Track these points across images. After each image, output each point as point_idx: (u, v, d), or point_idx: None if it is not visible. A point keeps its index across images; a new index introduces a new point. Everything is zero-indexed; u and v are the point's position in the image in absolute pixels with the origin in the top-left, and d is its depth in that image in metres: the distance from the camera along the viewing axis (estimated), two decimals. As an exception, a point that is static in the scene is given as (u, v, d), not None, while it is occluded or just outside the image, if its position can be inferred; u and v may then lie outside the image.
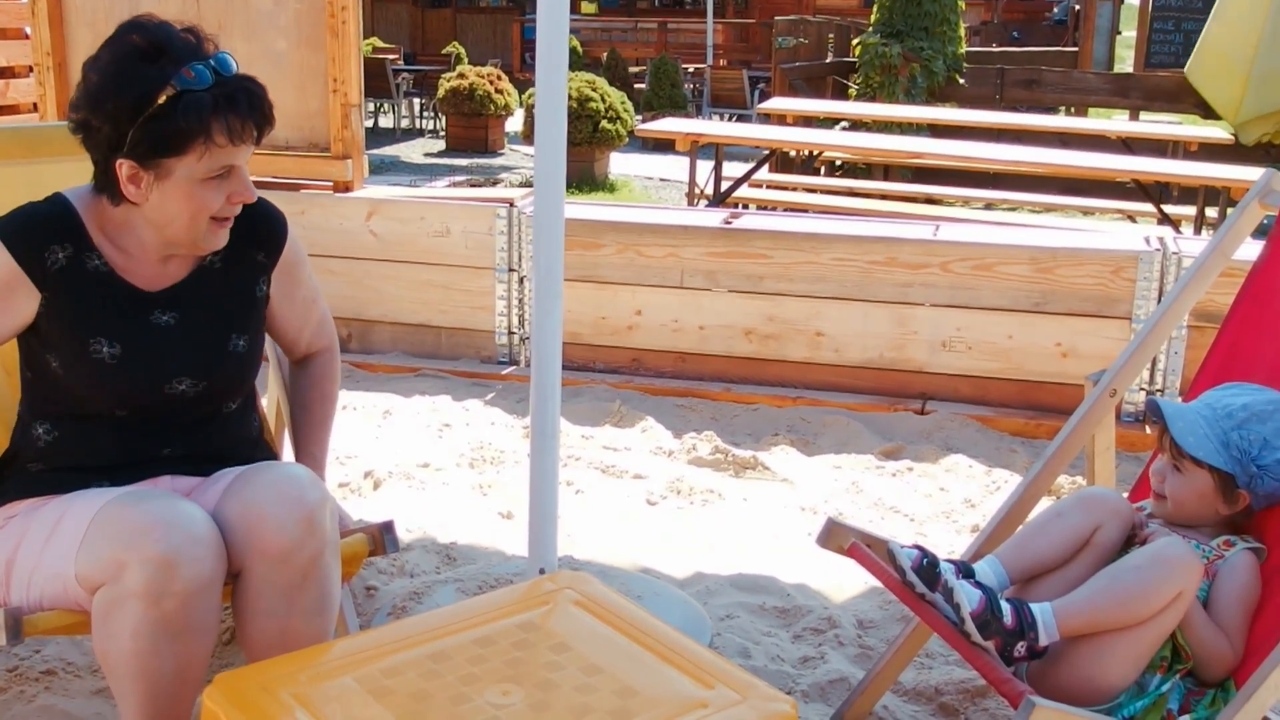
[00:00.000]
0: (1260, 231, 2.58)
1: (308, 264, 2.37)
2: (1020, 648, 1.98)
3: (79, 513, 1.96)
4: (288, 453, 2.62)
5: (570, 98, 11.24)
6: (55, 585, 1.96)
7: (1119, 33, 17.55)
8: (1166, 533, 2.17)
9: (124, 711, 1.93)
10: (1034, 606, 2.01)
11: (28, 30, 6.14)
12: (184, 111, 1.91)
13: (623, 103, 12.69)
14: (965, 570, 2.13)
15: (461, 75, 15.04)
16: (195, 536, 1.88)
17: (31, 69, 6.14)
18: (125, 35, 1.97)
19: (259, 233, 2.22)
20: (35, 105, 6.22)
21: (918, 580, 2.06)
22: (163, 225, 2.03)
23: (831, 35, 14.21)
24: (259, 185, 2.11)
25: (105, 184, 2.02)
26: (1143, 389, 4.43)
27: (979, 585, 2.04)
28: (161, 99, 1.91)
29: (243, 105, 1.97)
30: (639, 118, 13.92)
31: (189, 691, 1.93)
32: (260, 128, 2.02)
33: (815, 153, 10.03)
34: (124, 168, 1.96)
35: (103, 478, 2.10)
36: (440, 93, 15.16)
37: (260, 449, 2.35)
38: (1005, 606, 2.00)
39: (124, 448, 2.12)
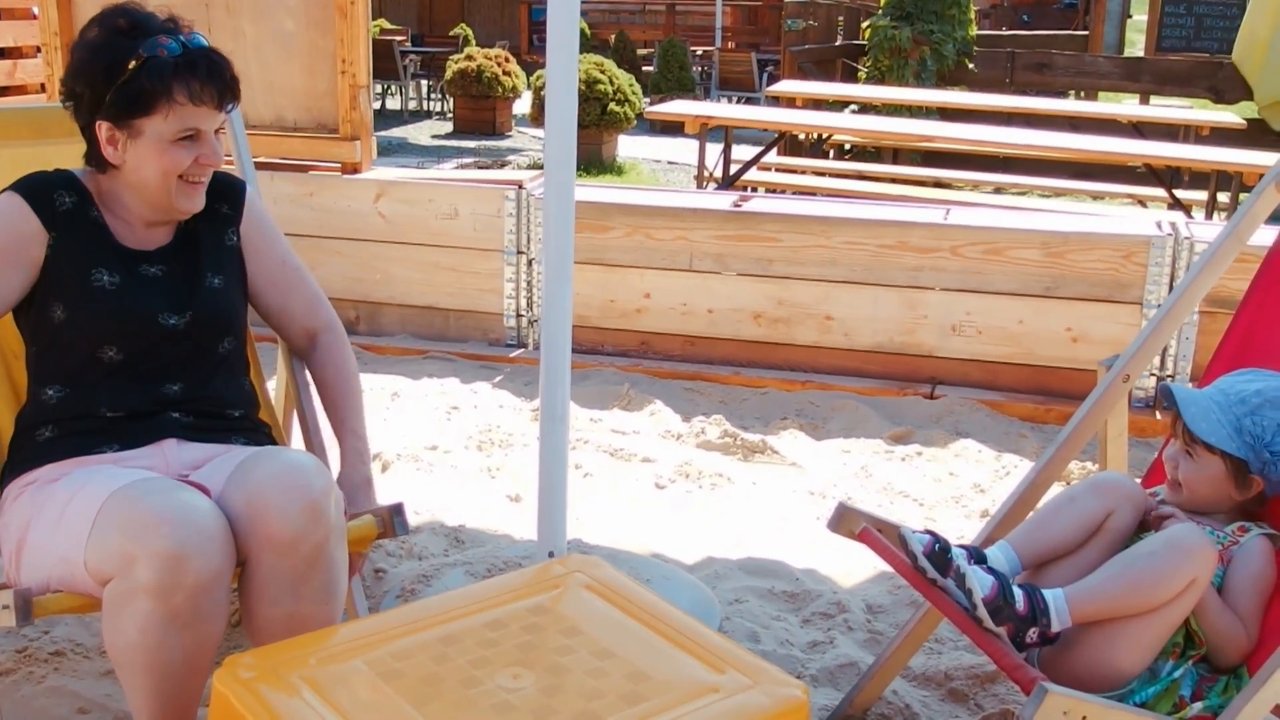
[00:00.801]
0: (1276, 217, 2.57)
1: (281, 236, 2.49)
2: (1032, 634, 1.97)
3: (88, 498, 1.97)
4: (296, 439, 2.63)
5: (578, 80, 11.14)
6: (63, 569, 1.98)
7: (1130, 16, 17.45)
8: (1181, 519, 2.16)
9: (133, 701, 1.94)
10: (1046, 592, 2.00)
11: (35, 10, 6.13)
12: (148, 74, 2.11)
13: (631, 85, 12.65)
14: (977, 556, 2.12)
15: (469, 57, 15.00)
16: (204, 531, 1.89)
17: (39, 49, 6.14)
18: (111, 17, 2.18)
19: (220, 191, 2.38)
20: (43, 85, 6.23)
21: (929, 566, 2.05)
22: (140, 186, 2.19)
23: (841, 18, 14.17)
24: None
25: (92, 152, 2.21)
26: (1153, 375, 4.42)
27: (991, 571, 2.04)
28: (131, 65, 2.12)
29: (201, 70, 2.14)
30: (647, 100, 13.88)
31: (198, 679, 1.94)
32: (220, 93, 2.17)
33: (824, 136, 10.00)
34: (102, 129, 2.15)
35: (111, 439, 2.15)
36: (448, 75, 15.12)
37: (257, 414, 2.40)
38: (1017, 592, 1.99)
39: (130, 390, 2.19)
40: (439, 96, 17.40)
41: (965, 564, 2.02)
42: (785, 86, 10.35)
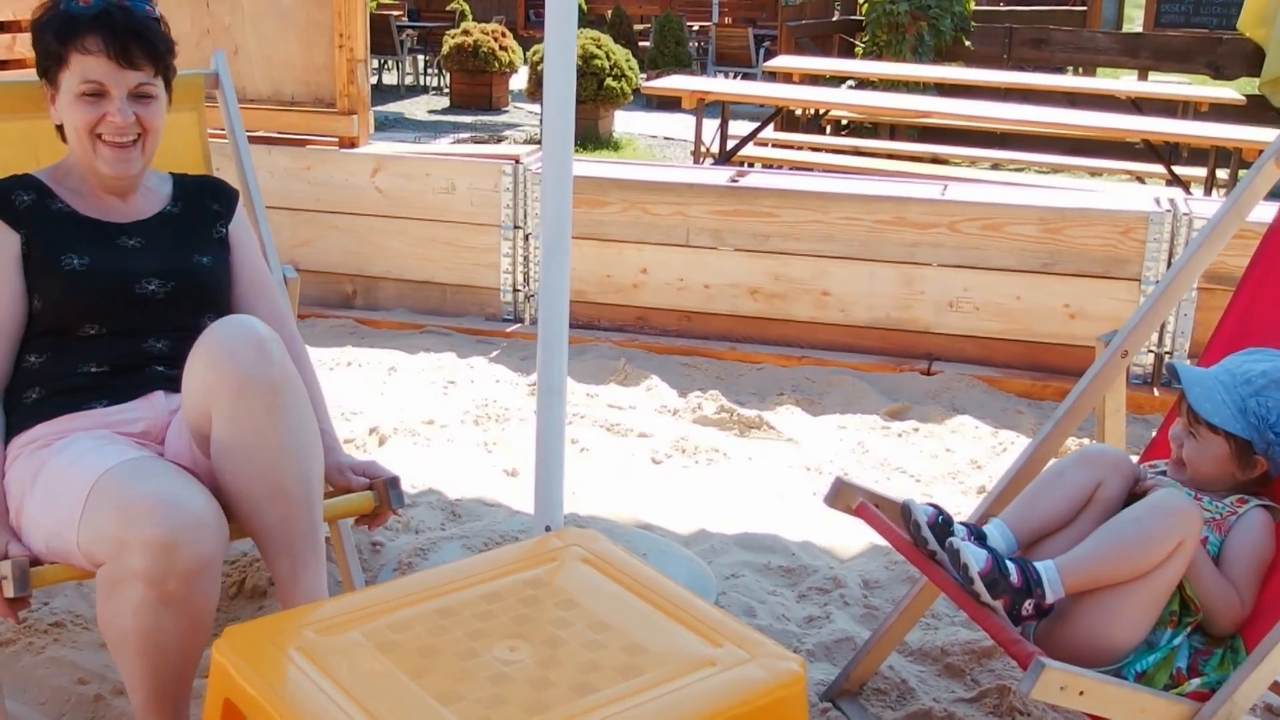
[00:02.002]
0: (1275, 193, 2.56)
1: (259, 251, 2.52)
2: (1028, 606, 1.98)
3: (80, 475, 1.97)
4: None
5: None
6: (56, 543, 1.99)
7: (1128, -8, 17.38)
8: (1168, 483, 2.17)
9: (129, 681, 1.94)
10: (1038, 564, 2.01)
11: (30, -18, 6.09)
12: (54, 27, 2.18)
13: (627, 60, 12.60)
14: (976, 534, 2.12)
15: (466, 32, 14.93)
16: (195, 517, 1.89)
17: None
18: None
19: (213, 191, 2.46)
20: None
21: (932, 536, 2.05)
22: (72, 148, 2.25)
23: (839, -7, 14.09)
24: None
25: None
26: (1152, 351, 4.42)
27: (985, 546, 2.04)
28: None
29: (94, 21, 2.16)
30: (643, 76, 13.84)
31: (192, 658, 1.94)
32: (125, 50, 2.17)
33: (821, 111, 9.96)
34: (46, 91, 2.24)
35: (99, 394, 2.17)
36: (444, 50, 15.06)
37: None
38: (1010, 565, 1.99)
39: (112, 348, 2.20)
40: (435, 71, 17.33)
41: (959, 541, 2.02)
42: (782, 62, 10.31)
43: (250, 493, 2.01)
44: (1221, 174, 8.03)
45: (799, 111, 10.09)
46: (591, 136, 12.25)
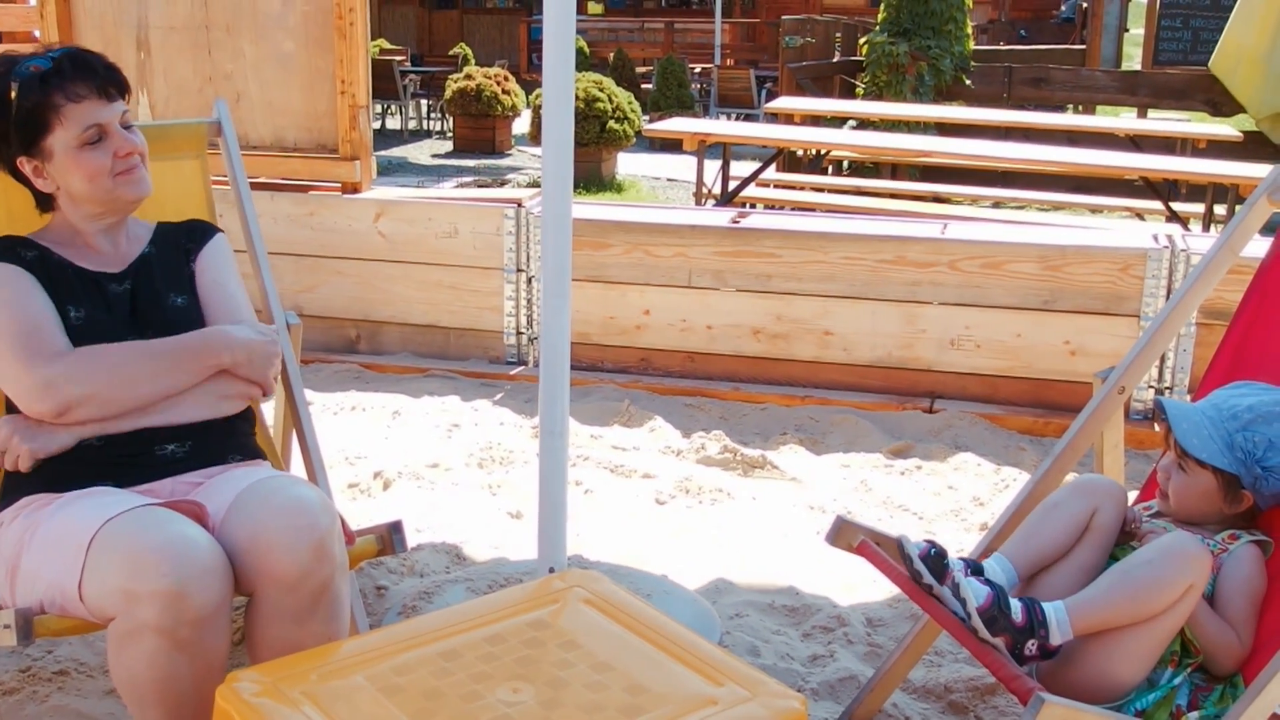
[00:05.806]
0: (1269, 228, 2.58)
1: (236, 274, 2.50)
2: (1031, 646, 1.98)
3: (80, 525, 1.96)
4: (296, 464, 2.64)
5: (577, 98, 11.28)
6: (56, 594, 1.98)
7: (1127, 30, 17.48)
8: (1169, 529, 2.17)
9: None
10: (1046, 605, 2.01)
11: (36, 34, 6.16)
12: (24, 93, 2.16)
13: (630, 103, 12.68)
14: (974, 568, 2.13)
15: (469, 76, 15.05)
16: (201, 565, 1.90)
17: (41, 72, 6.13)
18: None
19: (189, 232, 2.47)
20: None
21: (925, 570, 2.06)
22: (80, 201, 2.25)
23: (839, 34, 14.20)
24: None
25: (34, 195, 2.29)
26: (1151, 386, 4.43)
27: (987, 582, 2.05)
28: (12, 95, 2.17)
29: (67, 69, 2.18)
30: (646, 118, 13.92)
31: (208, 701, 1.94)
32: (97, 84, 2.20)
33: (823, 152, 10.02)
34: (26, 166, 2.22)
35: (105, 479, 2.14)
36: (447, 94, 15.17)
37: (250, 429, 2.40)
38: (1015, 604, 2.00)
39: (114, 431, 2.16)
40: (439, 116, 17.45)
41: (960, 575, 2.03)
42: (783, 103, 10.38)
43: (272, 649, 2.02)
44: (1220, 210, 8.06)
45: (800, 152, 10.14)
46: (595, 179, 12.32)
